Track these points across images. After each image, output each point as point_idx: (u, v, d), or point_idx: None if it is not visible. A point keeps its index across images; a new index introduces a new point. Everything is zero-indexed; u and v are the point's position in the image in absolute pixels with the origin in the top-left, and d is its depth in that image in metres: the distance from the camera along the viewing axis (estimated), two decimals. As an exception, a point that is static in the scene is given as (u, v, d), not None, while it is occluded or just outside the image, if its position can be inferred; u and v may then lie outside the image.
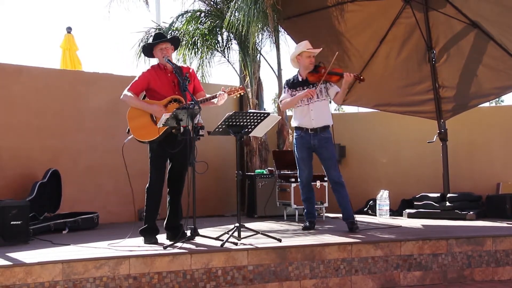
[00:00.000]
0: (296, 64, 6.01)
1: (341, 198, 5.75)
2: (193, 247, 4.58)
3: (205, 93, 5.18)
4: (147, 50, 5.21)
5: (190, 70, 5.13)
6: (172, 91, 5.00)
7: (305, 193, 6.00)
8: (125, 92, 4.98)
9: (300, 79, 5.94)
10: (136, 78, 5.03)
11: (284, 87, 6.06)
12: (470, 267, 5.12)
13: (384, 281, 4.90)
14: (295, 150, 5.99)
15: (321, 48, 6.02)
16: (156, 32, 6.01)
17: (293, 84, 5.97)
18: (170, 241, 4.81)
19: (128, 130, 4.93)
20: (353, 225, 5.65)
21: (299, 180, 6.06)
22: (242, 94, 5.30)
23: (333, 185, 5.81)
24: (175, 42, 5.23)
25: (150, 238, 4.88)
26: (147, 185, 5.01)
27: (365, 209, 8.06)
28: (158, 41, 5.05)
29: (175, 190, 5.10)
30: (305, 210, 6.08)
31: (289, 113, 8.64)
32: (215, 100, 5.06)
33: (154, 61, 5.31)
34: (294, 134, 6.00)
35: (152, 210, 5.02)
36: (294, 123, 6.00)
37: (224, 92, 5.08)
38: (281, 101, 6.13)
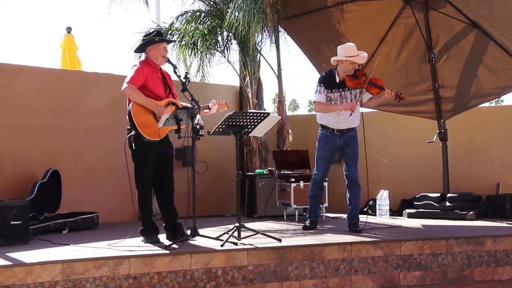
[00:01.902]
0: (336, 63, 5.83)
1: (354, 197, 5.76)
2: (193, 247, 4.58)
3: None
4: (143, 45, 5.15)
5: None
6: (164, 91, 5.00)
7: (314, 189, 5.98)
8: (127, 84, 4.77)
9: (337, 80, 5.78)
10: (134, 72, 4.85)
11: (320, 85, 5.83)
12: (470, 267, 5.12)
13: (384, 281, 4.90)
14: (318, 147, 5.92)
15: (366, 55, 5.81)
16: (157, 30, 6.00)
17: (330, 84, 5.79)
18: (170, 240, 4.81)
19: (134, 125, 4.77)
20: (357, 226, 5.65)
21: (312, 176, 6.00)
22: (226, 109, 5.30)
23: (350, 183, 5.78)
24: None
25: (151, 238, 4.88)
26: (136, 187, 4.95)
27: (365, 209, 8.04)
28: (165, 40, 5.07)
29: (167, 190, 5.08)
30: (309, 208, 6.06)
31: (289, 113, 8.65)
32: (206, 110, 5.12)
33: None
34: (319, 131, 5.91)
35: (147, 210, 5.01)
36: (321, 121, 5.88)
37: (214, 103, 5.16)
38: (315, 102, 5.87)
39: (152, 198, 5.33)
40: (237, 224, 4.90)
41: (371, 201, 7.95)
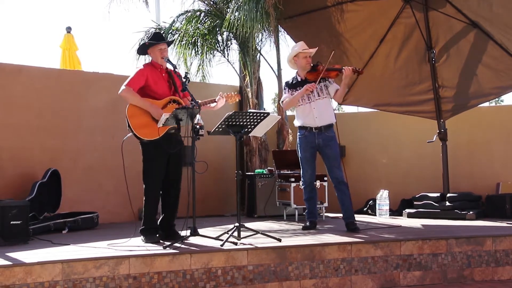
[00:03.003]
0: (293, 65, 6.02)
1: (345, 197, 5.74)
2: (193, 247, 4.58)
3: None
4: (142, 48, 5.22)
5: (185, 72, 5.18)
6: (168, 91, 5.02)
7: (307, 192, 5.99)
8: (124, 87, 4.87)
9: (299, 80, 5.94)
10: (133, 75, 4.94)
11: (284, 88, 6.06)
12: (470, 267, 5.12)
13: (384, 281, 4.90)
14: (299, 150, 5.96)
15: (317, 48, 6.01)
16: (155, 31, 6.06)
17: (293, 85, 5.96)
18: (162, 240, 4.83)
19: (129, 126, 4.84)
20: (354, 225, 5.65)
21: (302, 179, 6.03)
22: (237, 100, 5.34)
23: (337, 184, 5.78)
24: (169, 45, 5.45)
25: (152, 238, 4.89)
26: (144, 186, 4.99)
27: (365, 209, 8.06)
28: (159, 42, 5.07)
29: (173, 192, 5.10)
30: (307, 210, 6.08)
31: (289, 113, 8.65)
32: (212, 104, 5.10)
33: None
34: (298, 133, 5.97)
35: (152, 210, 5.02)
36: (297, 123, 5.96)
37: (222, 97, 5.14)
38: (282, 101, 6.10)
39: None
40: (237, 224, 4.90)
41: (371, 201, 7.96)
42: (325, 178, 7.01)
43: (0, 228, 4.95)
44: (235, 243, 4.66)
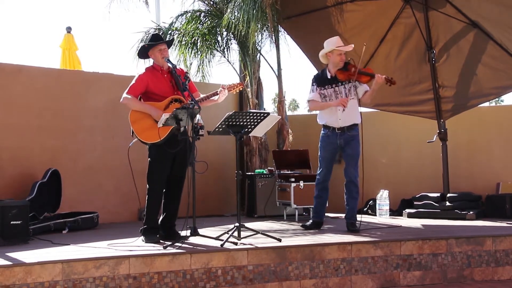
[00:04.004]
0: (325, 60, 5.89)
1: (351, 198, 5.74)
2: (193, 247, 4.58)
3: (199, 93, 5.20)
4: (142, 52, 5.23)
5: (185, 72, 5.18)
6: (171, 92, 5.02)
7: (317, 190, 5.98)
8: (125, 95, 4.96)
9: (329, 76, 5.83)
10: (134, 81, 5.01)
11: (313, 84, 5.91)
12: (470, 267, 5.12)
13: (384, 281, 4.90)
14: (319, 148, 5.93)
15: (353, 45, 5.89)
16: (153, 33, 6.09)
17: (322, 81, 5.84)
18: (162, 240, 4.83)
19: (132, 132, 4.91)
20: (354, 227, 5.64)
21: (316, 177, 6.01)
22: (241, 89, 5.36)
23: (348, 183, 5.77)
24: (170, 44, 5.52)
25: (152, 238, 4.89)
26: (148, 186, 5.01)
27: (365, 209, 8.05)
28: (158, 43, 5.08)
29: (176, 190, 5.11)
30: (313, 208, 6.07)
31: (289, 113, 8.65)
32: (215, 97, 5.10)
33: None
34: (321, 131, 5.90)
35: (154, 211, 5.02)
36: (320, 121, 5.90)
37: (224, 88, 5.12)
38: (309, 100, 5.94)
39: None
40: (237, 224, 4.90)
41: (371, 201, 7.96)
42: (329, 178, 6.99)
43: (0, 228, 4.95)
44: (235, 243, 4.66)
